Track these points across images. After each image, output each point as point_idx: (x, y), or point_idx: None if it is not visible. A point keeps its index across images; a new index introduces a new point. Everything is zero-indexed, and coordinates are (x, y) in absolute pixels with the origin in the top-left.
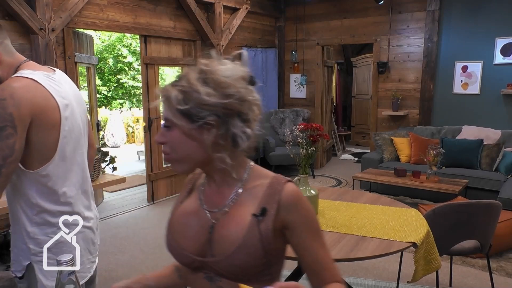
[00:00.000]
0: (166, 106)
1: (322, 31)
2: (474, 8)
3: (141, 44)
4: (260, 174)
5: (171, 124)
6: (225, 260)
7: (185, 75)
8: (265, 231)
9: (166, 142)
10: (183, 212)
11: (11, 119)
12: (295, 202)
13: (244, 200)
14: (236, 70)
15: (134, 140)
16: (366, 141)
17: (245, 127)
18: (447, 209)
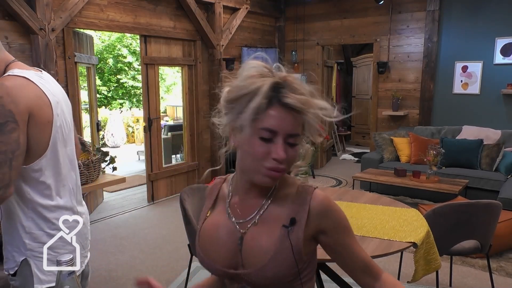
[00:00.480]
0: (312, 121)
1: (322, 31)
2: (474, 8)
3: (141, 44)
4: (286, 182)
5: (298, 142)
6: (257, 272)
7: (311, 91)
8: (296, 242)
9: (286, 158)
10: (210, 225)
11: (11, 115)
12: (325, 209)
13: (273, 210)
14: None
15: (134, 140)
16: (366, 141)
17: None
18: (447, 209)
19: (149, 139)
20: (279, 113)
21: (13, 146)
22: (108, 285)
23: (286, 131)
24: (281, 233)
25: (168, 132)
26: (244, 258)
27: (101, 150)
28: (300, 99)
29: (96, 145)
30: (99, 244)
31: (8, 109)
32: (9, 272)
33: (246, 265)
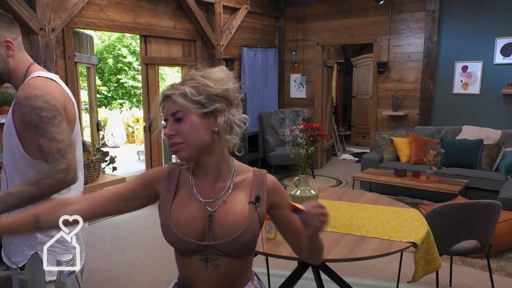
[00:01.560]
0: (179, 101)
1: (322, 31)
2: (474, 8)
3: (141, 44)
4: (243, 168)
5: (184, 115)
6: (233, 241)
7: (190, 77)
8: (262, 213)
9: (177, 134)
10: (180, 205)
11: (57, 109)
12: (277, 188)
13: (237, 190)
14: (228, 72)
15: (134, 140)
16: (366, 141)
17: (239, 115)
18: (447, 209)
19: (149, 139)
20: (166, 103)
21: (67, 134)
22: (108, 285)
23: (168, 112)
24: (250, 209)
25: None
26: (215, 232)
27: (101, 150)
28: (171, 88)
29: (96, 145)
30: (99, 244)
31: (53, 104)
32: (17, 265)
33: (218, 237)
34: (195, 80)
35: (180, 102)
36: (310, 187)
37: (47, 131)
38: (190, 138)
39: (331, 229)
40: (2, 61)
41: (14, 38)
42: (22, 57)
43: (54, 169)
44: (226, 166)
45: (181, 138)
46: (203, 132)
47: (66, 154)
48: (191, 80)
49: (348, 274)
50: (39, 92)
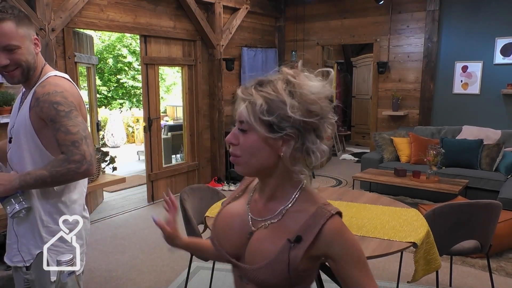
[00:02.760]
0: (248, 110)
1: (322, 31)
2: (474, 8)
3: (141, 44)
4: (308, 198)
5: (249, 128)
6: (252, 271)
7: (270, 82)
8: (293, 259)
9: (238, 144)
10: (229, 212)
11: (73, 105)
12: (336, 237)
13: (286, 221)
14: (324, 89)
15: (134, 140)
16: (366, 141)
17: (319, 144)
18: (447, 209)
19: (149, 139)
20: (237, 102)
21: (82, 126)
22: (108, 285)
23: (238, 117)
24: (283, 245)
25: (168, 132)
26: (246, 253)
27: (101, 150)
28: (247, 91)
29: (96, 145)
30: (99, 244)
31: (70, 100)
32: (25, 264)
33: (247, 260)
34: (276, 90)
35: (246, 114)
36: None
37: (63, 124)
38: (248, 156)
39: None
40: (33, 58)
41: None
42: (40, 56)
43: (68, 159)
44: (288, 190)
45: (239, 151)
46: (265, 154)
47: (80, 145)
48: (271, 86)
49: None
50: (58, 88)
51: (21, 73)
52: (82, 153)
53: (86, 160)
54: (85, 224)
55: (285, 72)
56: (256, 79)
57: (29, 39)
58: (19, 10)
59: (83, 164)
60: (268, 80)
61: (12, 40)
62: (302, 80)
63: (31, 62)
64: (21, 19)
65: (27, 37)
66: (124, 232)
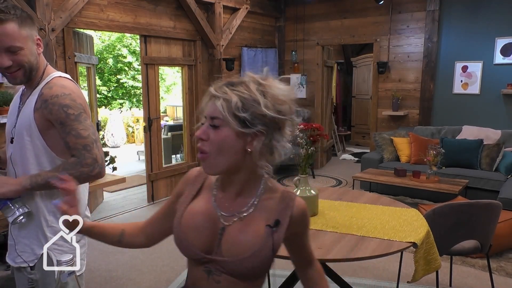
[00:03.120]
0: (223, 107)
1: (322, 31)
2: (474, 8)
3: (141, 44)
4: (272, 187)
5: (221, 124)
6: (237, 262)
7: (242, 82)
8: (277, 241)
9: (208, 140)
10: (194, 211)
11: (82, 107)
12: (304, 216)
13: (258, 210)
14: (291, 92)
15: (134, 140)
16: (366, 141)
17: (283, 142)
18: (447, 209)
19: (149, 139)
20: (211, 102)
21: (92, 129)
22: (108, 285)
23: (209, 114)
24: (266, 232)
25: (168, 132)
26: (223, 247)
27: None
28: (221, 89)
29: None
30: (99, 244)
31: (79, 102)
32: (29, 264)
33: (225, 254)
34: (248, 90)
35: (221, 110)
36: (310, 187)
37: (73, 128)
38: (218, 151)
39: (331, 229)
40: (35, 58)
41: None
42: (42, 56)
43: (81, 163)
44: (254, 184)
45: (209, 147)
46: (234, 150)
47: (92, 149)
48: (244, 86)
49: (348, 274)
50: (66, 91)
51: (23, 74)
52: (94, 157)
53: (98, 163)
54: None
55: (253, 76)
56: (226, 80)
57: (31, 39)
58: (21, 10)
59: (96, 168)
60: (239, 81)
61: (15, 41)
62: (271, 82)
63: (34, 63)
64: (24, 19)
65: (30, 38)
66: None
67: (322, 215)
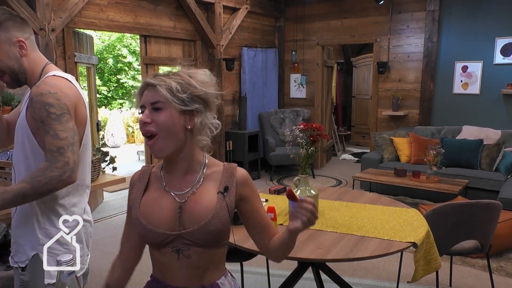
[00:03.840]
0: (164, 93)
1: (322, 31)
2: (474, 8)
3: (141, 44)
4: (213, 162)
5: (163, 106)
6: (201, 229)
7: (174, 73)
8: (230, 203)
9: (152, 122)
10: (150, 200)
11: (66, 108)
12: (246, 180)
13: (207, 183)
14: (212, 78)
15: (134, 140)
16: (366, 141)
17: (212, 119)
18: (447, 209)
19: None
20: (147, 91)
21: (72, 133)
22: None
23: (147, 100)
24: (218, 198)
25: None
26: (185, 221)
27: (101, 150)
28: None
29: (96, 145)
30: (99, 244)
31: (63, 102)
32: (19, 265)
33: (187, 226)
34: (181, 77)
35: (163, 94)
36: (310, 187)
37: (52, 127)
38: (165, 129)
39: (331, 229)
40: (17, 61)
41: (26, 38)
42: (37, 57)
43: (50, 167)
44: (197, 160)
45: (155, 127)
46: (178, 127)
47: (65, 152)
48: (176, 76)
49: (348, 274)
50: (52, 89)
51: (10, 78)
52: (66, 160)
53: (69, 166)
54: (86, 228)
55: (180, 69)
56: (155, 74)
57: (7, 43)
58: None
59: (66, 171)
60: (170, 72)
61: None
62: (196, 71)
63: (14, 66)
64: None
65: (5, 42)
66: None
67: (322, 215)
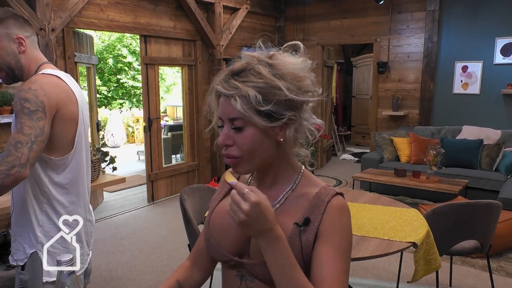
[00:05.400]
0: (241, 106)
1: (322, 31)
2: (474, 8)
3: (141, 44)
4: (310, 181)
5: (244, 124)
6: (263, 264)
7: (250, 69)
8: (306, 242)
9: (234, 144)
10: (224, 210)
11: (42, 106)
12: (337, 216)
13: (290, 206)
14: (306, 63)
15: (134, 140)
16: (366, 141)
17: (311, 119)
18: (447, 209)
19: (149, 139)
20: (223, 101)
21: (38, 132)
22: (108, 285)
23: (226, 114)
24: (292, 231)
25: (168, 132)
26: (252, 248)
27: (101, 150)
28: (229, 84)
29: (96, 145)
30: (99, 244)
31: (41, 100)
32: (17, 263)
33: (253, 256)
34: (263, 78)
35: (240, 110)
36: None
37: (20, 122)
38: (249, 152)
39: None
40: (14, 57)
41: (27, 36)
42: (35, 55)
43: (1, 161)
44: (287, 175)
45: (238, 151)
46: (267, 145)
47: (21, 147)
48: (256, 75)
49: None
50: (33, 86)
51: (6, 74)
52: (18, 155)
53: (20, 163)
54: (86, 227)
55: (257, 56)
56: (226, 70)
57: (7, 39)
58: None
59: (15, 166)
60: (244, 68)
61: None
62: (281, 59)
63: (11, 62)
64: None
65: (4, 37)
66: (124, 232)
67: None
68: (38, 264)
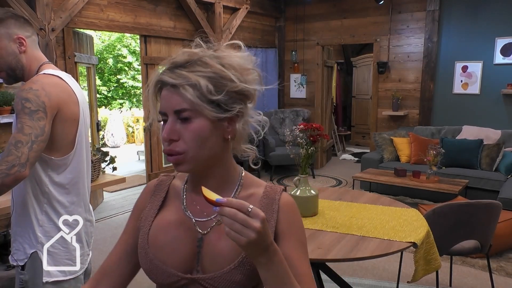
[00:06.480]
0: (190, 97)
1: (322, 31)
2: (474, 8)
3: (141, 44)
4: (252, 181)
5: (193, 115)
6: (223, 276)
7: (197, 60)
8: None
9: (179, 139)
10: (163, 224)
11: (43, 106)
12: (292, 213)
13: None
14: (250, 57)
15: (134, 140)
16: (366, 141)
17: (256, 115)
18: (447, 209)
19: (149, 139)
20: (167, 92)
21: (38, 131)
22: None
23: (171, 107)
24: None
25: None
26: (203, 261)
27: (101, 150)
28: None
29: (96, 145)
30: (99, 244)
31: (42, 100)
32: (18, 263)
33: (206, 269)
34: (211, 67)
35: (191, 99)
36: (310, 187)
37: (21, 121)
38: (196, 148)
39: (331, 229)
40: (15, 57)
41: (27, 36)
42: (36, 55)
43: (1, 161)
44: (231, 177)
45: (183, 146)
46: (214, 141)
47: (22, 147)
48: (204, 65)
49: (348, 274)
50: (35, 86)
51: (6, 74)
52: (19, 155)
53: (20, 162)
54: (86, 227)
55: (201, 49)
56: (169, 61)
57: (7, 38)
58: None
59: (15, 166)
60: (191, 59)
61: None
62: (227, 52)
63: (12, 62)
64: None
65: (5, 37)
66: None
67: (322, 215)
68: (38, 264)
